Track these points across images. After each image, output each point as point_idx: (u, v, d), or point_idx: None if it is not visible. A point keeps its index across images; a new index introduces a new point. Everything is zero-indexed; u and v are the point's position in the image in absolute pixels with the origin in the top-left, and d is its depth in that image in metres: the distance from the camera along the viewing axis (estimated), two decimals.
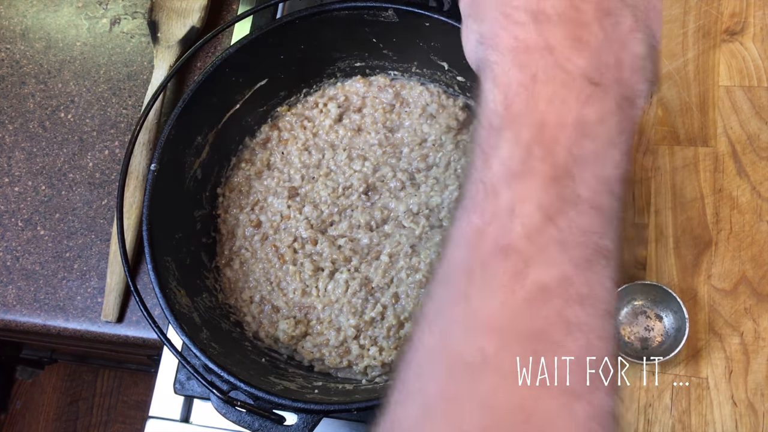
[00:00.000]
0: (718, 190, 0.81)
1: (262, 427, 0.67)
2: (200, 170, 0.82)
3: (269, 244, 0.81)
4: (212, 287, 0.80)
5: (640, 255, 0.80)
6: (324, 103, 0.86)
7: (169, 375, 0.85)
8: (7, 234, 0.97)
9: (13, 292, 0.94)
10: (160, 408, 0.85)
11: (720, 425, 0.74)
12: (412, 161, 0.82)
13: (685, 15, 0.88)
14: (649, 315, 0.78)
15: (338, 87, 0.87)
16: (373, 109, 0.85)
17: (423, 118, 0.84)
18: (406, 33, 0.80)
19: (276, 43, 0.81)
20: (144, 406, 1.76)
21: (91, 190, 0.97)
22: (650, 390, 0.76)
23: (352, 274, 0.79)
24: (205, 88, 0.79)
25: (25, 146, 1.01)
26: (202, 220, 0.83)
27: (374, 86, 0.86)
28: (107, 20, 1.06)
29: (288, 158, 0.85)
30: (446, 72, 0.83)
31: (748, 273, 0.78)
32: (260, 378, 0.71)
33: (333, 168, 0.83)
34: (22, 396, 1.81)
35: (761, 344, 0.75)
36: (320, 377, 0.77)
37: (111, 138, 0.99)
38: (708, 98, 0.85)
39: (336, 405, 0.66)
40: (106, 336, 0.92)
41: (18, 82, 1.04)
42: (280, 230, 0.82)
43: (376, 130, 0.84)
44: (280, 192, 0.83)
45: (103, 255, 0.94)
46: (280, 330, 0.78)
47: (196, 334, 0.71)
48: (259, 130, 0.87)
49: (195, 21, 0.99)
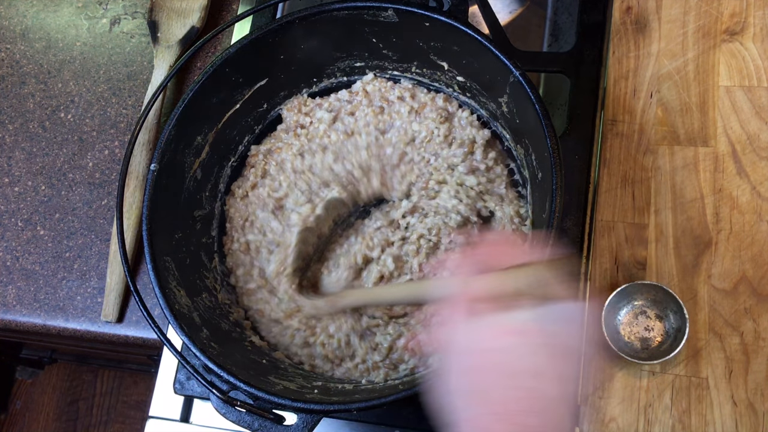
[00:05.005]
0: (718, 190, 0.81)
1: (261, 427, 0.67)
2: (200, 170, 0.82)
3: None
4: (212, 287, 0.80)
5: (640, 255, 0.80)
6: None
7: (169, 375, 0.85)
8: (7, 234, 0.97)
9: (13, 292, 0.94)
10: (160, 408, 0.85)
11: (720, 425, 0.74)
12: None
13: (685, 15, 0.88)
14: (649, 315, 0.78)
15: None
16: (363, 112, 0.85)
17: (413, 116, 0.84)
18: (406, 33, 0.80)
19: (276, 43, 0.81)
20: (144, 406, 1.76)
21: (91, 190, 0.97)
22: (650, 390, 0.76)
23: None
24: (205, 88, 0.79)
25: (25, 146, 1.01)
26: (202, 220, 0.83)
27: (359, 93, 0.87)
28: (107, 20, 1.06)
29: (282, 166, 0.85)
30: (446, 72, 0.83)
31: (748, 273, 0.78)
32: (260, 378, 0.71)
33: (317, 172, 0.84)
34: (22, 396, 1.81)
35: (761, 344, 0.75)
36: (320, 377, 0.77)
37: (111, 138, 0.99)
38: (708, 98, 0.85)
39: (336, 405, 0.66)
40: (106, 336, 0.92)
41: (18, 82, 1.04)
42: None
43: (368, 132, 0.84)
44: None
45: (103, 255, 0.94)
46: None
47: (195, 333, 0.71)
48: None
49: (195, 21, 0.99)
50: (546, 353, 0.51)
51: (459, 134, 0.82)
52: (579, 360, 0.55)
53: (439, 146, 0.82)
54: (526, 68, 0.74)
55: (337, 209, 0.84)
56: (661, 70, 0.86)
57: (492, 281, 0.54)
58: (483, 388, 0.51)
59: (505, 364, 0.51)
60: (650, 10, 0.89)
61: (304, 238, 0.81)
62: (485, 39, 0.74)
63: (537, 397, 0.50)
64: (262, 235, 0.83)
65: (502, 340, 0.51)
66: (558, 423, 0.50)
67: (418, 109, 0.84)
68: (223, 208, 0.85)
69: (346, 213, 0.85)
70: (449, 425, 0.52)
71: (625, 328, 0.78)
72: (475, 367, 0.52)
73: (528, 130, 0.76)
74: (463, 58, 0.80)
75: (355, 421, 0.81)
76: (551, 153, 0.68)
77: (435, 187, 0.81)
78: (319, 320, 0.79)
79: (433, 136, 0.82)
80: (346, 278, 0.80)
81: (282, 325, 0.80)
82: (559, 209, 0.67)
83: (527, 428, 0.49)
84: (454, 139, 0.82)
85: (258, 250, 0.83)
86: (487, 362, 0.51)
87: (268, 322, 0.81)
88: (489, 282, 0.54)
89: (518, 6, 1.03)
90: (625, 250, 0.81)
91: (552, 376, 0.51)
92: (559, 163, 0.68)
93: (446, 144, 0.82)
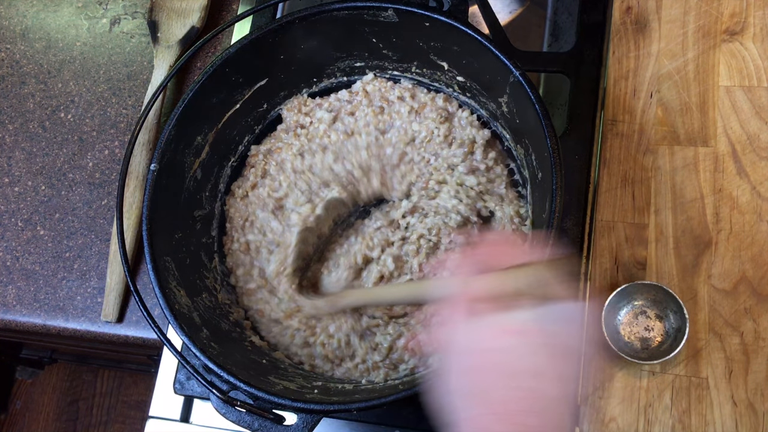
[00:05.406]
0: (718, 190, 0.81)
1: (261, 427, 0.67)
2: (200, 170, 0.82)
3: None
4: (212, 287, 0.80)
5: (640, 255, 0.80)
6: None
7: (169, 375, 0.85)
8: (7, 234, 0.97)
9: (13, 292, 0.94)
10: (160, 408, 0.85)
11: (720, 425, 0.74)
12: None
13: (685, 15, 0.88)
14: (649, 315, 0.78)
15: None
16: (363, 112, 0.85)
17: (412, 116, 0.84)
18: (406, 33, 0.80)
19: (276, 43, 0.81)
20: (144, 406, 1.76)
21: (91, 190, 0.97)
22: (650, 390, 0.76)
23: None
24: (205, 88, 0.79)
25: (25, 146, 1.01)
26: (202, 220, 0.83)
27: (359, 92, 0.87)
28: (107, 20, 1.06)
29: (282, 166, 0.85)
30: (446, 72, 0.83)
31: (748, 273, 0.78)
32: (260, 378, 0.71)
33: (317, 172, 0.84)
34: (22, 396, 1.81)
35: (761, 344, 0.75)
36: (320, 377, 0.77)
37: (111, 138, 0.99)
38: (708, 98, 0.85)
39: (336, 405, 0.66)
40: (106, 336, 0.92)
41: (18, 82, 1.04)
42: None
43: (368, 132, 0.84)
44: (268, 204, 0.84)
45: (103, 255, 0.94)
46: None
47: (195, 333, 0.71)
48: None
49: (195, 21, 0.99)
50: (546, 353, 0.51)
51: (459, 134, 0.82)
52: (579, 360, 0.55)
53: (439, 146, 0.82)
54: (526, 68, 0.74)
55: (337, 209, 0.84)
56: (661, 70, 0.86)
57: (492, 281, 0.54)
58: (483, 388, 0.51)
59: (505, 364, 0.51)
60: (650, 10, 0.89)
61: (304, 238, 0.81)
62: (485, 39, 0.74)
63: (537, 397, 0.50)
64: (262, 235, 0.83)
65: (502, 340, 0.51)
66: (558, 423, 0.50)
67: (418, 109, 0.84)
68: (223, 208, 0.85)
69: (346, 213, 0.85)
70: (449, 425, 0.52)
71: (625, 328, 0.78)
72: (475, 367, 0.52)
73: (528, 130, 0.76)
74: (463, 58, 0.80)
75: (355, 421, 0.81)
76: (551, 153, 0.68)
77: (435, 187, 0.81)
78: (319, 320, 0.79)
79: (433, 136, 0.82)
80: (346, 278, 0.80)
81: (282, 325, 0.80)
82: (559, 209, 0.67)
83: (527, 428, 0.49)
84: (454, 139, 0.82)
85: (258, 250, 0.83)
86: (487, 362, 0.51)
87: (268, 322, 0.81)
88: (489, 282, 0.54)
89: (518, 6, 1.03)
90: (625, 250, 0.81)
91: (552, 376, 0.51)
92: (559, 163, 0.68)
93: (446, 144, 0.82)
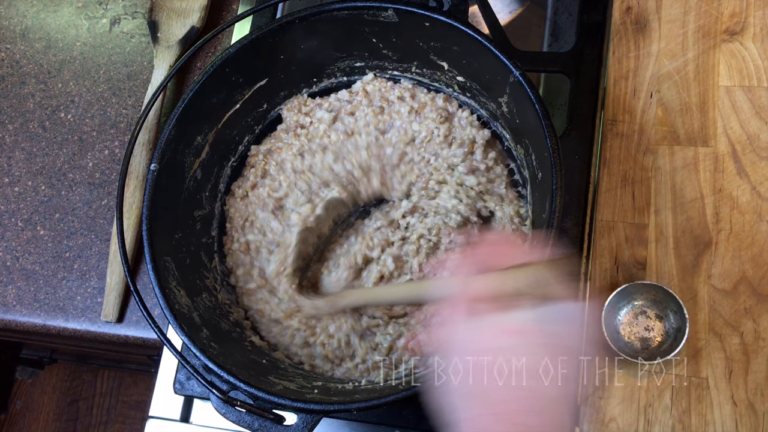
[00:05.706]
0: (718, 190, 0.81)
1: (261, 427, 0.67)
2: (200, 170, 0.82)
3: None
4: (212, 287, 0.80)
5: (640, 255, 0.80)
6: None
7: (169, 375, 0.85)
8: (7, 234, 0.97)
9: (13, 292, 0.94)
10: (160, 408, 0.85)
11: (720, 425, 0.74)
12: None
13: (685, 15, 0.88)
14: (649, 315, 0.78)
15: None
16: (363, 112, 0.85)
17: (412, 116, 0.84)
18: (406, 33, 0.80)
19: (276, 43, 0.81)
20: (144, 406, 1.76)
21: (91, 190, 0.97)
22: (650, 390, 0.76)
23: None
24: (205, 88, 0.79)
25: (25, 146, 1.01)
26: (202, 220, 0.83)
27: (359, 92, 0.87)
28: (107, 20, 1.06)
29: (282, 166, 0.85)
30: (446, 72, 0.83)
31: (748, 273, 0.78)
32: (260, 378, 0.71)
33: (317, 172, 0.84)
34: (22, 396, 1.81)
35: (761, 344, 0.75)
36: (320, 377, 0.77)
37: (111, 138, 0.99)
38: (708, 98, 0.85)
39: (336, 405, 0.66)
40: (106, 336, 0.92)
41: (18, 82, 1.04)
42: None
43: (368, 132, 0.84)
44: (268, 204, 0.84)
45: (103, 255, 0.94)
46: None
47: (195, 333, 0.71)
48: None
49: (195, 21, 0.99)
50: (546, 353, 0.51)
51: (459, 134, 0.82)
52: (579, 360, 0.55)
53: (439, 146, 0.82)
54: (526, 68, 0.74)
55: (337, 209, 0.84)
56: (661, 70, 0.86)
57: (492, 281, 0.54)
58: (483, 388, 0.51)
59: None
60: (650, 10, 0.89)
61: (304, 238, 0.81)
62: (485, 39, 0.74)
63: (537, 397, 0.50)
64: (262, 235, 0.83)
65: (502, 340, 0.51)
66: (558, 423, 0.50)
67: (418, 109, 0.84)
68: (223, 208, 0.85)
69: (346, 213, 0.85)
70: (449, 425, 0.52)
71: (625, 328, 0.78)
72: (475, 367, 0.52)
73: (528, 130, 0.76)
74: (463, 58, 0.80)
75: (355, 421, 0.81)
76: (551, 153, 0.68)
77: (435, 187, 0.81)
78: (319, 320, 0.79)
79: (433, 136, 0.82)
80: (346, 278, 0.80)
81: (282, 325, 0.80)
82: (559, 209, 0.67)
83: (527, 428, 0.49)
84: (454, 139, 0.82)
85: (258, 250, 0.83)
86: (487, 362, 0.51)
87: (268, 322, 0.81)
88: (489, 282, 0.54)
89: (518, 6, 1.03)
90: (625, 250, 0.81)
91: (552, 376, 0.51)
92: (559, 163, 0.68)
93: (446, 144, 0.82)
